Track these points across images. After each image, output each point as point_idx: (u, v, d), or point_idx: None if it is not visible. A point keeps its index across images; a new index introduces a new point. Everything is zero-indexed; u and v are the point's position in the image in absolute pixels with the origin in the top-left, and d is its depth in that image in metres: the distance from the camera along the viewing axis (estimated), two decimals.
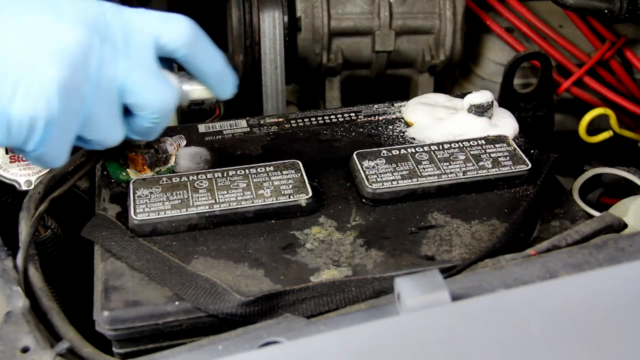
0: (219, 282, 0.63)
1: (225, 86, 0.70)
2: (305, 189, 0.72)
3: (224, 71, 0.69)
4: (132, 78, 0.62)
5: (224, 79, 0.69)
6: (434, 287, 0.54)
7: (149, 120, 0.65)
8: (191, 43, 0.65)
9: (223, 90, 0.70)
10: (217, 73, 0.69)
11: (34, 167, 0.77)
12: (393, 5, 1.03)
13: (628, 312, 0.52)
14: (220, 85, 0.69)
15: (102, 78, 0.61)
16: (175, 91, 0.66)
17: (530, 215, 0.69)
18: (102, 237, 0.69)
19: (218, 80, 0.69)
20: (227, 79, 0.70)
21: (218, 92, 0.70)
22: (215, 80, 0.69)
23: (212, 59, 0.68)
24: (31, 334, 0.60)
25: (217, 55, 0.68)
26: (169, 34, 0.64)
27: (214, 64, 0.68)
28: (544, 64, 1.01)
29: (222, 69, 0.69)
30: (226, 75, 0.69)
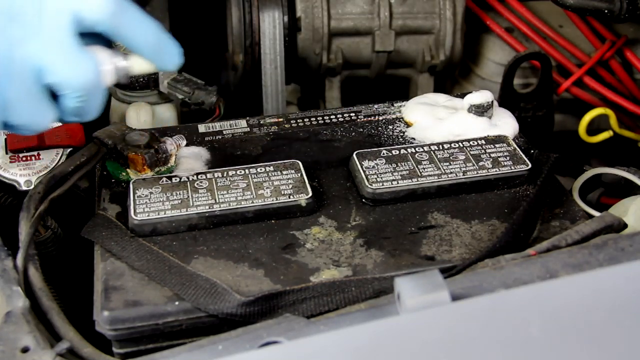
0: (219, 282, 0.63)
1: (165, 56, 0.65)
2: (305, 189, 0.72)
3: (160, 40, 0.65)
4: (47, 57, 0.60)
5: (161, 48, 0.65)
6: (434, 287, 0.54)
7: (75, 99, 0.62)
8: (114, 14, 0.61)
9: (163, 61, 0.66)
10: (151, 43, 0.64)
11: (34, 167, 0.77)
12: (393, 5, 1.03)
13: (628, 312, 0.52)
14: (158, 56, 0.65)
15: (13, 60, 0.59)
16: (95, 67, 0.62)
17: (530, 215, 0.69)
18: (102, 237, 0.69)
19: (154, 51, 0.65)
20: (166, 48, 0.65)
21: (159, 64, 0.66)
22: (150, 51, 0.65)
23: (142, 28, 0.64)
24: (31, 334, 0.60)
25: (149, 25, 0.64)
26: (87, 7, 0.60)
27: (145, 34, 0.64)
28: (544, 64, 1.01)
29: (156, 38, 0.64)
30: (164, 45, 0.65)
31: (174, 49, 0.66)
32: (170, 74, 0.92)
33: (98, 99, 0.64)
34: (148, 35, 0.64)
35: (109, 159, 0.76)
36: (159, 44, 0.65)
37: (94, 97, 0.63)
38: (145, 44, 0.64)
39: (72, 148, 0.79)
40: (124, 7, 0.63)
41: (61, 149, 0.79)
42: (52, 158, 0.78)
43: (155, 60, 0.66)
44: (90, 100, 0.63)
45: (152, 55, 0.65)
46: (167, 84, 0.91)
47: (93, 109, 0.64)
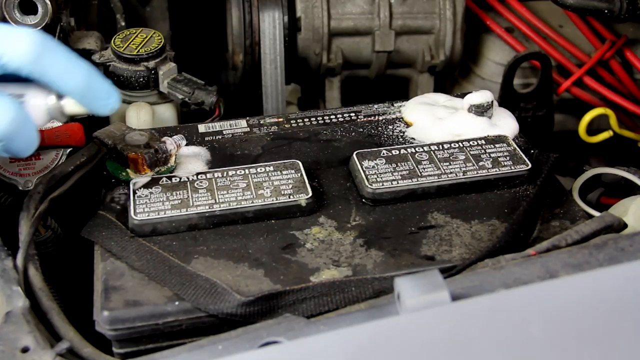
0: (219, 282, 0.63)
1: (96, 100, 0.65)
2: (305, 189, 0.72)
3: (90, 83, 0.64)
4: None
5: (91, 92, 0.64)
6: (434, 287, 0.54)
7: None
8: (37, 59, 0.61)
9: (94, 104, 0.65)
10: (79, 86, 0.63)
11: (34, 167, 0.77)
12: (393, 5, 1.03)
13: (628, 312, 0.52)
14: (87, 99, 0.64)
15: None
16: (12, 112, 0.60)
17: (530, 215, 0.69)
18: (102, 237, 0.69)
19: (83, 95, 0.64)
20: (98, 92, 0.64)
21: (89, 108, 0.65)
22: (79, 95, 0.64)
23: (69, 71, 0.63)
24: (31, 334, 0.60)
25: (77, 68, 0.63)
26: (10, 51, 0.60)
27: (73, 77, 0.63)
28: (544, 64, 1.01)
29: (85, 82, 0.64)
30: (94, 88, 0.64)
31: (106, 92, 0.65)
32: (170, 74, 0.92)
33: (25, 140, 0.63)
34: (76, 78, 0.63)
35: (109, 159, 0.76)
36: (88, 88, 0.64)
37: (19, 139, 0.62)
38: (72, 87, 0.64)
39: (72, 148, 0.79)
40: (50, 51, 0.62)
41: (61, 149, 0.79)
42: (52, 158, 0.78)
43: (85, 103, 0.65)
44: (15, 142, 0.62)
45: (81, 98, 0.64)
46: (167, 84, 0.91)
47: (22, 150, 0.64)
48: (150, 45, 0.91)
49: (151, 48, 0.91)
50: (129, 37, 0.92)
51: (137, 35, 0.92)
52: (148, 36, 0.92)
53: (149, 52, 0.90)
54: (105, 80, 0.65)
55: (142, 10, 1.13)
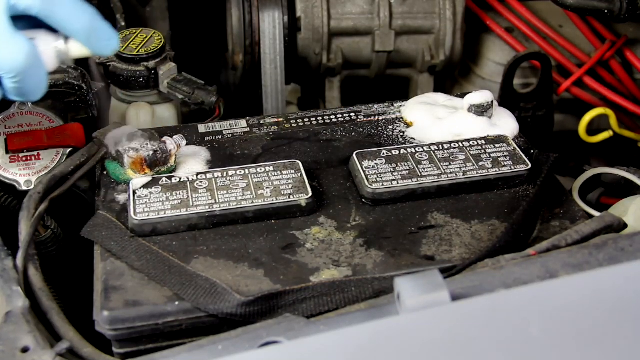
0: (218, 282, 0.63)
1: (99, 40, 0.68)
2: (305, 189, 0.72)
3: (95, 25, 0.67)
4: None
5: (95, 33, 0.67)
6: (434, 287, 0.54)
7: (10, 80, 0.64)
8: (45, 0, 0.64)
9: (98, 45, 0.68)
10: (85, 28, 0.66)
11: (34, 167, 0.77)
12: (393, 5, 1.03)
13: (628, 312, 0.52)
14: (92, 40, 0.67)
15: None
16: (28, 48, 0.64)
17: (530, 215, 0.69)
18: (102, 237, 0.69)
19: (88, 35, 0.67)
20: (100, 33, 0.67)
21: (93, 48, 0.68)
22: (84, 36, 0.67)
23: (75, 13, 0.66)
24: (31, 334, 0.60)
25: (82, 9, 0.66)
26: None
27: (79, 19, 0.66)
28: (544, 64, 1.01)
29: (90, 23, 0.66)
30: (98, 30, 0.67)
31: (108, 34, 0.68)
32: (170, 74, 0.92)
33: (37, 80, 0.66)
34: (81, 20, 0.66)
35: (109, 159, 0.76)
36: (93, 29, 0.67)
37: (31, 78, 0.65)
38: (78, 29, 0.66)
39: (72, 148, 0.79)
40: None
41: (61, 149, 0.79)
42: (52, 158, 0.78)
43: (90, 44, 0.68)
44: (28, 81, 0.65)
45: (86, 39, 0.67)
46: (167, 84, 0.91)
47: (33, 90, 0.66)
48: (150, 45, 0.91)
49: (151, 48, 0.91)
50: (129, 37, 0.92)
51: (137, 35, 0.93)
52: (148, 36, 0.92)
53: (149, 52, 0.90)
54: (107, 23, 0.68)
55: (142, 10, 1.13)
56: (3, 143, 0.78)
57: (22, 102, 0.80)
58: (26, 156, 0.78)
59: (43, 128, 0.80)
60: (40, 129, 0.79)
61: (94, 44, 0.68)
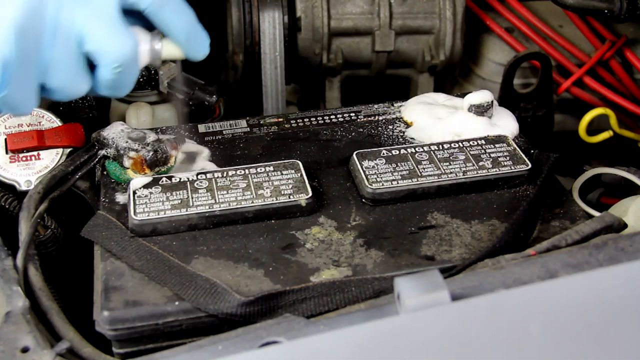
0: (218, 282, 0.63)
1: (196, 44, 0.69)
2: (305, 189, 0.72)
3: (194, 28, 0.68)
4: (90, 25, 0.63)
5: (194, 36, 0.69)
6: (434, 287, 0.54)
7: (110, 70, 0.65)
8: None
9: (194, 48, 0.69)
10: (186, 29, 0.68)
11: (34, 167, 0.77)
12: (393, 5, 1.03)
13: (628, 312, 0.52)
14: (190, 42, 0.69)
15: (60, 22, 0.62)
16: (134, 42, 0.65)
17: (530, 215, 0.69)
18: (102, 237, 0.69)
19: (188, 37, 0.68)
20: (198, 37, 0.69)
21: (189, 51, 0.69)
22: (184, 37, 0.68)
23: (180, 13, 0.68)
24: (31, 334, 0.60)
25: (187, 11, 0.68)
26: None
27: (182, 19, 0.68)
28: (544, 64, 1.01)
29: (191, 25, 0.68)
30: (197, 33, 0.69)
31: (204, 39, 0.69)
32: (170, 74, 0.92)
33: (132, 75, 0.67)
34: (184, 21, 0.68)
35: (109, 159, 0.76)
36: (192, 32, 0.68)
37: (128, 72, 0.66)
38: (180, 30, 0.68)
39: (72, 148, 0.79)
40: None
41: (61, 149, 0.79)
42: (52, 158, 0.78)
43: (186, 46, 0.69)
44: (125, 74, 0.66)
45: (184, 41, 0.68)
46: (167, 84, 0.91)
47: (126, 84, 0.67)
48: None
49: None
50: None
51: None
52: None
53: None
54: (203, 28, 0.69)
55: None
56: (3, 143, 0.78)
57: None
58: (26, 156, 0.78)
59: (43, 128, 0.80)
60: (40, 129, 0.79)
61: (190, 47, 0.69)
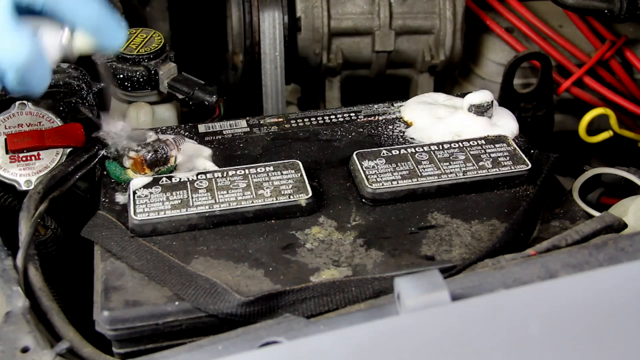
0: (218, 282, 0.63)
1: (106, 34, 0.65)
2: (305, 189, 0.72)
3: (102, 17, 0.65)
4: None
5: (103, 25, 0.65)
6: (434, 287, 0.54)
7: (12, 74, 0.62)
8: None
9: (105, 38, 0.65)
10: (92, 20, 0.64)
11: (34, 167, 0.77)
12: (393, 5, 1.03)
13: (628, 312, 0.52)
14: (99, 33, 0.65)
15: None
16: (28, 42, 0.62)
17: (530, 215, 0.69)
18: (102, 237, 0.69)
19: (95, 28, 0.65)
20: (108, 26, 0.65)
21: (100, 41, 0.66)
22: (91, 28, 0.65)
23: (82, 5, 0.64)
24: (31, 334, 0.60)
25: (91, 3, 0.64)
26: None
27: (86, 11, 0.64)
28: (544, 64, 1.01)
29: (97, 15, 0.64)
30: (106, 22, 0.65)
31: (116, 27, 0.66)
32: (170, 74, 0.92)
33: (39, 75, 0.64)
34: (88, 12, 0.64)
35: (109, 159, 0.76)
36: (100, 21, 0.65)
37: (34, 73, 0.63)
38: (85, 20, 0.64)
39: (72, 148, 0.79)
40: None
41: (61, 149, 0.79)
42: (52, 158, 0.78)
43: (97, 37, 0.65)
44: (30, 76, 0.63)
45: (93, 32, 0.65)
46: (167, 84, 0.91)
47: (36, 84, 0.65)
48: (150, 45, 0.91)
49: (151, 48, 0.91)
50: (129, 37, 0.92)
51: (137, 35, 0.92)
52: (148, 36, 0.92)
53: (149, 52, 0.90)
54: (116, 16, 0.66)
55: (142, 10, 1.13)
56: (3, 143, 0.78)
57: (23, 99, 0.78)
58: (26, 156, 0.78)
59: (43, 128, 0.80)
60: (40, 129, 0.79)
61: (101, 37, 0.66)
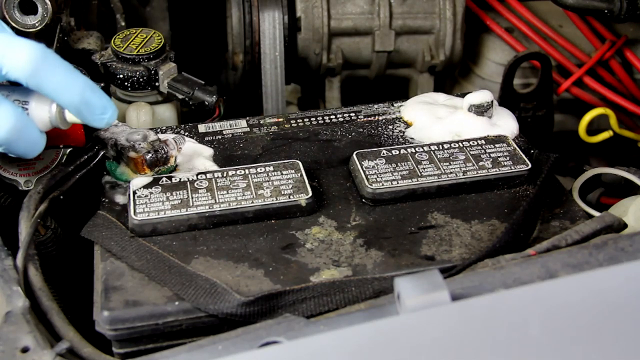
0: (218, 282, 0.63)
1: (92, 114, 0.67)
2: (305, 189, 0.72)
3: (85, 99, 0.66)
4: None
5: (86, 107, 0.66)
6: (434, 287, 0.54)
7: None
8: (35, 72, 0.63)
9: (88, 118, 0.67)
10: (75, 101, 0.66)
11: (34, 167, 0.77)
12: (393, 5, 1.04)
13: (628, 312, 0.52)
14: (83, 114, 0.67)
15: None
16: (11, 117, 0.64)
17: (530, 215, 0.69)
18: (102, 237, 0.69)
19: (78, 109, 0.66)
20: (92, 108, 0.67)
21: (84, 120, 0.68)
22: (74, 109, 0.67)
23: (65, 85, 0.65)
24: (31, 334, 0.60)
25: (73, 81, 0.66)
26: (9, 64, 0.63)
27: (68, 93, 0.65)
28: (544, 64, 1.01)
29: (80, 96, 0.66)
30: (89, 104, 0.66)
31: (102, 106, 0.67)
32: (170, 74, 0.92)
33: (28, 144, 0.67)
34: (71, 93, 0.66)
35: (109, 159, 0.76)
36: (84, 103, 0.66)
37: (20, 143, 0.66)
38: (69, 102, 0.66)
39: (72, 148, 0.79)
40: (48, 65, 0.65)
41: (61, 149, 0.79)
42: (52, 158, 0.78)
43: (81, 117, 0.68)
44: (17, 146, 0.66)
45: (77, 112, 0.67)
46: (167, 84, 0.91)
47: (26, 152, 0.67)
48: (150, 45, 0.91)
49: (151, 48, 0.91)
50: (129, 37, 0.92)
51: (137, 35, 0.92)
52: (148, 36, 0.92)
53: (149, 52, 0.90)
54: (101, 95, 0.67)
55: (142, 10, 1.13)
56: None
57: None
58: None
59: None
60: None
61: (85, 117, 0.67)
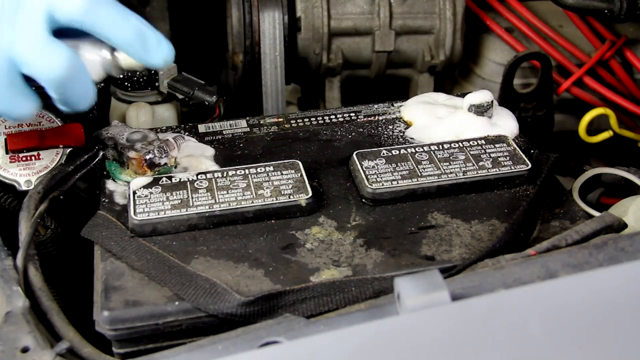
0: (218, 282, 0.63)
1: (147, 52, 0.65)
2: (305, 189, 0.72)
3: (141, 36, 0.64)
4: (20, 49, 0.62)
5: (142, 44, 0.64)
6: (434, 287, 0.54)
7: (53, 90, 0.63)
8: (87, 11, 0.62)
9: (146, 56, 0.65)
10: (130, 39, 0.64)
11: (34, 167, 0.77)
12: (393, 5, 1.03)
13: (628, 312, 0.52)
14: (138, 52, 0.65)
15: None
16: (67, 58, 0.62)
17: (530, 215, 0.69)
18: (102, 237, 0.69)
19: (134, 47, 0.64)
20: (149, 43, 0.65)
21: (141, 60, 0.66)
22: (130, 47, 0.64)
23: (120, 24, 0.63)
24: (31, 334, 0.60)
25: (127, 20, 0.64)
26: (60, 4, 0.62)
27: (123, 30, 0.64)
28: (544, 64, 1.01)
29: (136, 34, 0.64)
30: (147, 40, 0.64)
31: (158, 44, 0.65)
32: (170, 74, 0.92)
33: (81, 91, 0.65)
34: (126, 30, 0.64)
35: (109, 159, 0.76)
36: (139, 40, 0.64)
37: (74, 88, 0.64)
38: (123, 40, 0.64)
39: (72, 148, 0.79)
40: (101, 3, 0.63)
41: (61, 149, 0.79)
42: (52, 158, 0.78)
43: (136, 56, 0.65)
44: (70, 91, 0.64)
45: (132, 51, 0.65)
46: (167, 84, 0.91)
47: (79, 100, 0.65)
48: None
49: None
50: None
51: None
52: None
53: None
54: (156, 32, 0.65)
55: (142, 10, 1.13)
56: (3, 143, 0.78)
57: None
58: (26, 156, 0.78)
59: (43, 128, 0.80)
60: (40, 129, 0.79)
61: (141, 55, 0.65)
